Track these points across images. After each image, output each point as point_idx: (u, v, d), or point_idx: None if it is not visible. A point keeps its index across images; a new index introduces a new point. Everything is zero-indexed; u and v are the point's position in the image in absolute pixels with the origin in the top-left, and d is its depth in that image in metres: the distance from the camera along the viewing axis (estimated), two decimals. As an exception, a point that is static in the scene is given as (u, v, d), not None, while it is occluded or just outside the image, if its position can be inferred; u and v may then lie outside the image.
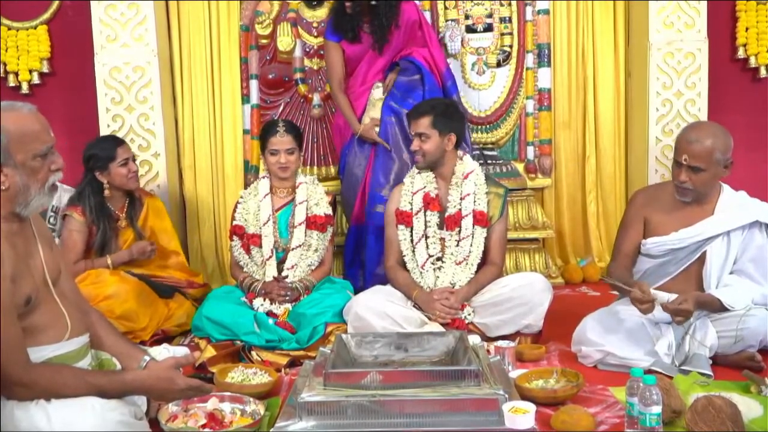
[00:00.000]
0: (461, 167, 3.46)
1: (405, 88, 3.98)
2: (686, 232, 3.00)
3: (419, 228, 3.42)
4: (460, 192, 3.41)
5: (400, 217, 3.45)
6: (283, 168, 3.57)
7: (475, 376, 2.33)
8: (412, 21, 4.04)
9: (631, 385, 2.22)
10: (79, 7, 4.42)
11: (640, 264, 3.13)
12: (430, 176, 3.47)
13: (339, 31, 4.01)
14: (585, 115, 4.76)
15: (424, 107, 3.46)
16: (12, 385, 1.91)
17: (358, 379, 2.36)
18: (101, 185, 3.65)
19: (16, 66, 4.52)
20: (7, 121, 1.94)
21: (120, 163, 3.64)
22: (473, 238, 3.38)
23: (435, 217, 3.42)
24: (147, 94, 4.30)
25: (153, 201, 3.93)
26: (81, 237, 3.63)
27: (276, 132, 3.56)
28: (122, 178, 3.66)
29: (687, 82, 4.38)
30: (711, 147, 2.90)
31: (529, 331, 3.28)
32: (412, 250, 3.42)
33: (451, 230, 3.39)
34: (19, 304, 1.95)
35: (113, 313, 3.27)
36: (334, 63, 4.10)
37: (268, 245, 3.54)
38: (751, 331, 2.83)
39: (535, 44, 4.63)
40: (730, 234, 2.97)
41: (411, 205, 3.44)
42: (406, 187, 3.49)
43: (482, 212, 3.38)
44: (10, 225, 1.99)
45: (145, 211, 3.82)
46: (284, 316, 3.39)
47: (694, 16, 4.35)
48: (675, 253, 3.03)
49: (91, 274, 3.50)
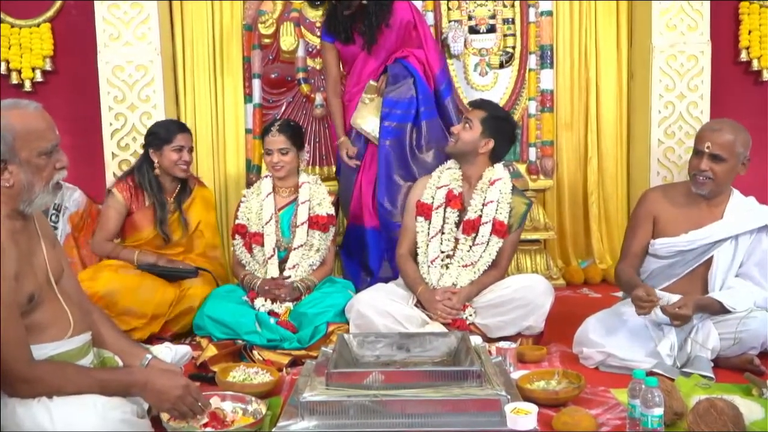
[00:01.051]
0: (490, 173, 3.43)
1: (392, 103, 3.92)
2: (695, 234, 3.01)
3: (437, 223, 3.41)
4: (484, 197, 3.39)
5: (420, 208, 3.44)
6: (276, 168, 3.57)
7: (477, 377, 2.33)
8: (406, 21, 4.00)
9: (632, 387, 2.21)
10: (82, 5, 4.42)
11: (647, 264, 3.13)
12: (457, 173, 3.46)
13: (332, 32, 4.01)
14: (587, 117, 4.77)
15: (487, 105, 3.49)
16: (15, 381, 1.92)
17: (360, 379, 2.36)
18: (153, 163, 3.68)
19: (19, 64, 4.52)
20: (13, 118, 1.95)
21: (174, 147, 3.66)
22: (487, 246, 3.36)
23: (454, 215, 3.40)
24: (150, 92, 4.30)
25: (202, 191, 3.92)
26: (117, 216, 3.66)
27: (269, 131, 3.58)
28: (171, 163, 3.67)
29: (689, 85, 4.38)
30: (734, 138, 2.95)
31: (531, 332, 3.28)
32: (426, 244, 3.42)
33: (468, 234, 3.37)
34: (22, 302, 1.95)
35: (111, 311, 3.23)
36: (330, 64, 4.11)
37: (270, 244, 3.55)
38: (752, 333, 2.83)
39: (537, 46, 4.63)
40: (738, 238, 2.99)
41: (433, 199, 3.44)
42: (432, 180, 3.49)
43: (502, 222, 3.35)
44: (14, 223, 2.00)
45: (191, 198, 3.82)
46: (285, 316, 3.39)
47: (696, 18, 4.35)
48: (683, 255, 3.04)
49: (89, 270, 3.49)
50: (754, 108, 4.62)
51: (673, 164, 4.43)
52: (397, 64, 3.99)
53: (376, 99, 3.98)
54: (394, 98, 3.93)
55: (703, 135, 3.00)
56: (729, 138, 2.95)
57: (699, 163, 2.98)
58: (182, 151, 3.68)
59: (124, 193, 3.67)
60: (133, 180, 3.70)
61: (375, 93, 3.99)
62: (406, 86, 3.94)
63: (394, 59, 4.00)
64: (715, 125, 3.06)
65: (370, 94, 3.98)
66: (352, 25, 3.94)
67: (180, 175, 3.73)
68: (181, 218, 3.75)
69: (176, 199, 3.76)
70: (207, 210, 3.89)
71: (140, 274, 3.51)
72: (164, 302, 3.47)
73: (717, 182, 2.98)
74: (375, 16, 3.89)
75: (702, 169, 2.97)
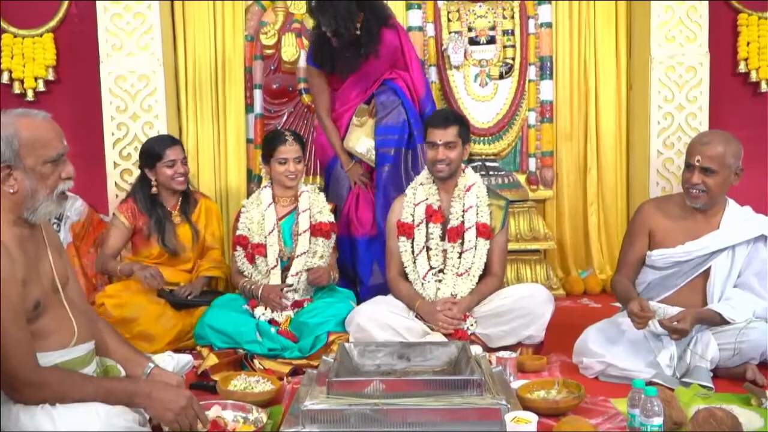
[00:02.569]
0: (463, 180, 3.47)
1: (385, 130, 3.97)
2: (692, 245, 3.01)
3: (420, 240, 3.42)
4: (463, 204, 3.42)
5: (401, 228, 3.46)
6: (292, 177, 3.59)
7: (477, 386, 2.34)
8: (393, 48, 4.04)
9: (632, 397, 2.22)
10: (85, 15, 4.44)
11: (645, 276, 3.14)
12: (432, 188, 3.48)
13: (317, 62, 4.03)
14: (587, 128, 4.79)
15: (450, 116, 3.49)
16: (20, 386, 1.93)
17: (361, 388, 2.37)
18: (150, 182, 3.71)
19: (22, 73, 4.54)
20: (21, 126, 1.98)
21: (166, 163, 3.68)
22: (476, 250, 3.39)
23: (438, 229, 3.42)
24: (152, 102, 4.32)
25: (208, 202, 3.94)
26: (119, 235, 3.70)
27: (285, 141, 3.59)
28: (167, 178, 3.69)
29: (688, 96, 4.41)
30: (723, 150, 2.95)
31: (531, 342, 3.28)
32: (413, 261, 3.43)
33: (454, 242, 3.39)
34: (28, 308, 1.97)
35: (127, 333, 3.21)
36: (319, 88, 4.13)
37: (273, 254, 3.56)
38: (752, 343, 2.84)
39: (537, 57, 4.67)
40: (735, 248, 2.99)
41: (413, 217, 3.46)
42: (408, 198, 3.50)
43: (485, 224, 3.39)
44: (21, 230, 2.02)
45: (199, 209, 3.84)
46: (286, 325, 3.40)
47: (695, 30, 4.38)
48: (680, 266, 3.04)
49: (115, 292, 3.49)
50: (753, 119, 4.65)
51: (673, 175, 4.44)
52: (384, 89, 4.04)
53: (369, 121, 4.02)
54: (387, 125, 3.98)
55: (693, 148, 3.00)
56: (719, 150, 2.95)
57: (691, 176, 2.98)
58: (175, 164, 3.69)
59: (127, 213, 3.70)
60: (134, 200, 3.73)
61: (366, 115, 4.03)
62: (396, 111, 4.00)
63: (383, 80, 4.05)
64: (705, 138, 3.05)
65: (361, 117, 4.03)
66: (339, 54, 3.94)
67: (179, 188, 3.74)
68: (191, 229, 3.78)
69: (182, 211, 3.78)
70: (210, 221, 3.90)
71: (163, 303, 3.53)
72: (182, 333, 3.50)
73: (710, 195, 2.98)
74: (365, 46, 3.92)
75: (694, 183, 2.97)
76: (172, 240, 3.71)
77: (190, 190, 3.86)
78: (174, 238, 3.71)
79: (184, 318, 3.53)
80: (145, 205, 3.70)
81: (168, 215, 3.74)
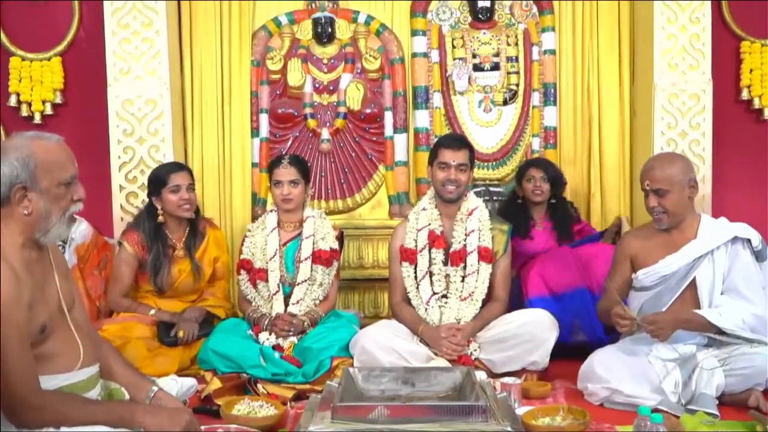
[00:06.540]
0: (466, 204, 3.49)
1: None
2: (673, 257, 3.07)
3: (423, 265, 3.43)
4: (465, 228, 3.43)
5: (404, 254, 3.47)
6: (286, 200, 3.60)
7: (482, 412, 2.33)
8: None
9: (638, 423, 2.22)
10: (93, 39, 4.47)
11: (635, 301, 3.17)
12: (434, 213, 3.49)
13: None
14: (590, 153, 4.79)
15: (462, 140, 3.57)
16: (23, 409, 1.92)
17: (366, 413, 2.36)
18: (156, 210, 3.66)
19: (30, 96, 4.56)
20: (36, 148, 2.00)
21: (171, 188, 3.62)
22: (479, 274, 3.39)
23: (440, 254, 3.43)
24: (158, 126, 4.33)
25: (215, 233, 3.88)
26: (129, 269, 3.66)
27: (280, 164, 3.62)
28: (172, 205, 3.63)
29: (691, 123, 4.42)
30: (669, 170, 3.05)
31: (535, 368, 3.28)
32: (416, 287, 3.44)
33: (456, 266, 3.40)
34: (34, 332, 1.97)
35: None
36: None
37: (274, 280, 3.56)
38: (757, 369, 2.84)
39: (541, 83, 4.70)
40: (713, 253, 3.05)
41: (416, 242, 3.46)
42: (410, 224, 3.51)
43: (487, 248, 3.40)
44: (30, 252, 2.03)
45: (205, 244, 3.78)
46: (290, 350, 3.39)
47: (698, 58, 4.40)
48: (666, 281, 3.08)
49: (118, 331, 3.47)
50: (756, 146, 4.65)
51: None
52: None
53: None
54: None
55: (642, 175, 3.12)
56: (666, 172, 3.05)
57: (648, 201, 3.09)
58: (180, 190, 3.64)
59: (137, 246, 3.67)
60: (140, 230, 3.69)
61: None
62: None
63: None
64: (649, 163, 3.18)
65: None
66: None
67: (185, 216, 3.69)
68: (193, 266, 3.72)
69: (186, 245, 3.73)
70: (221, 252, 3.88)
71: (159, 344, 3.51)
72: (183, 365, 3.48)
73: (671, 213, 3.06)
74: None
75: (652, 207, 3.08)
76: (164, 280, 3.65)
77: (198, 219, 3.80)
78: (167, 277, 3.66)
79: (182, 353, 3.51)
80: (149, 235, 3.65)
81: (170, 250, 3.68)
